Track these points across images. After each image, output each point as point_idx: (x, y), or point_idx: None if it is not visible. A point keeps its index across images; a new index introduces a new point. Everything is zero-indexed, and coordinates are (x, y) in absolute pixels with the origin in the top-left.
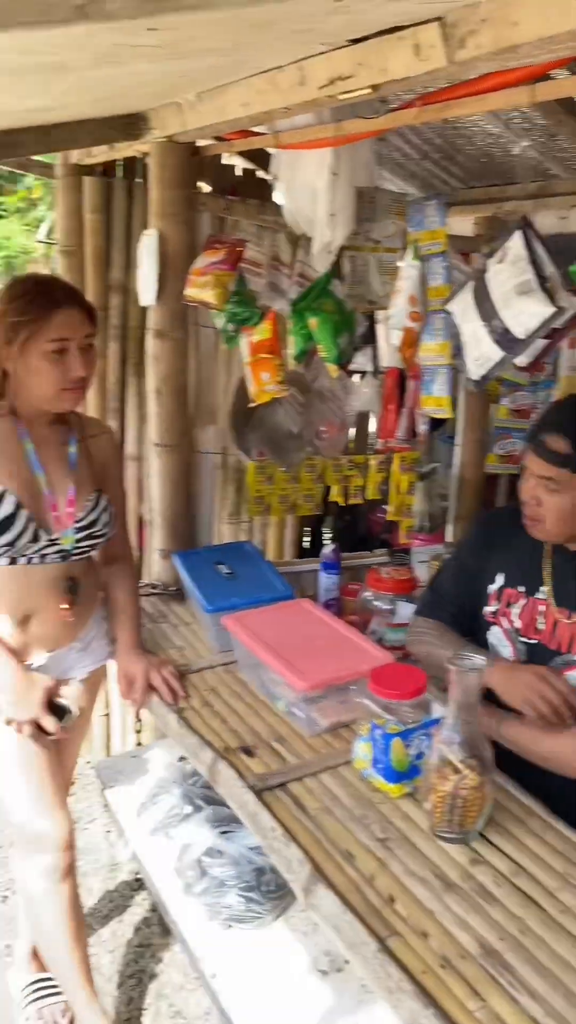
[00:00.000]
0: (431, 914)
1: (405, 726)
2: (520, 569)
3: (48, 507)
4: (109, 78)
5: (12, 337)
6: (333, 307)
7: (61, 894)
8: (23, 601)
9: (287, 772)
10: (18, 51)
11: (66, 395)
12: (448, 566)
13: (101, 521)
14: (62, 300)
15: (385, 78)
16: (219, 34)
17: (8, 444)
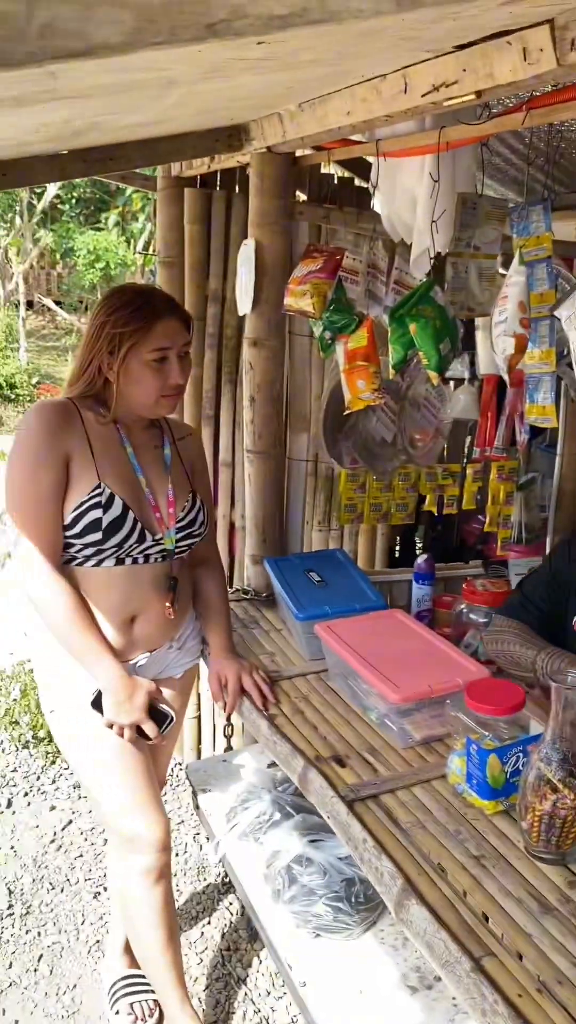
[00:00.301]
0: (527, 936)
1: (501, 742)
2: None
3: (151, 508)
4: (214, 91)
5: (115, 347)
6: (434, 313)
7: (155, 895)
8: (130, 601)
9: (379, 784)
10: (138, 69)
11: (164, 401)
12: (539, 572)
13: (198, 520)
14: (162, 311)
15: (491, 83)
16: (325, 45)
17: (112, 449)
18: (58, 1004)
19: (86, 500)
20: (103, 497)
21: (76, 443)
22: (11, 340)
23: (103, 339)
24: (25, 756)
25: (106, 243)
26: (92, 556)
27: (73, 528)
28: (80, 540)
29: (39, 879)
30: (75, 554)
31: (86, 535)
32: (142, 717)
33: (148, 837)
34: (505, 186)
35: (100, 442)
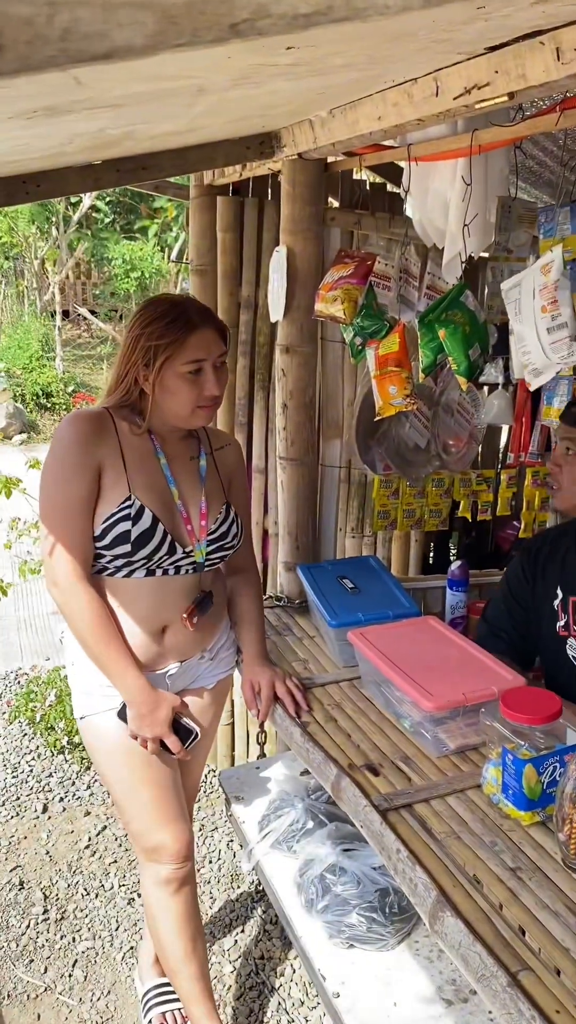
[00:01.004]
0: (566, 951)
1: (538, 752)
2: (573, 574)
3: (182, 520)
4: (246, 99)
5: (150, 360)
6: (464, 318)
7: (177, 905)
8: (160, 612)
9: (413, 793)
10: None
11: (200, 412)
12: (498, 598)
13: (231, 533)
14: (198, 322)
15: (523, 85)
16: (356, 49)
17: (146, 460)
18: (92, 1010)
19: (116, 512)
20: (132, 509)
21: (109, 453)
22: (47, 349)
23: (138, 351)
24: (60, 761)
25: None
26: (122, 567)
27: (103, 539)
28: (110, 551)
29: (73, 884)
30: (106, 564)
31: (115, 547)
32: (165, 731)
33: (169, 848)
34: (539, 189)
35: (133, 452)
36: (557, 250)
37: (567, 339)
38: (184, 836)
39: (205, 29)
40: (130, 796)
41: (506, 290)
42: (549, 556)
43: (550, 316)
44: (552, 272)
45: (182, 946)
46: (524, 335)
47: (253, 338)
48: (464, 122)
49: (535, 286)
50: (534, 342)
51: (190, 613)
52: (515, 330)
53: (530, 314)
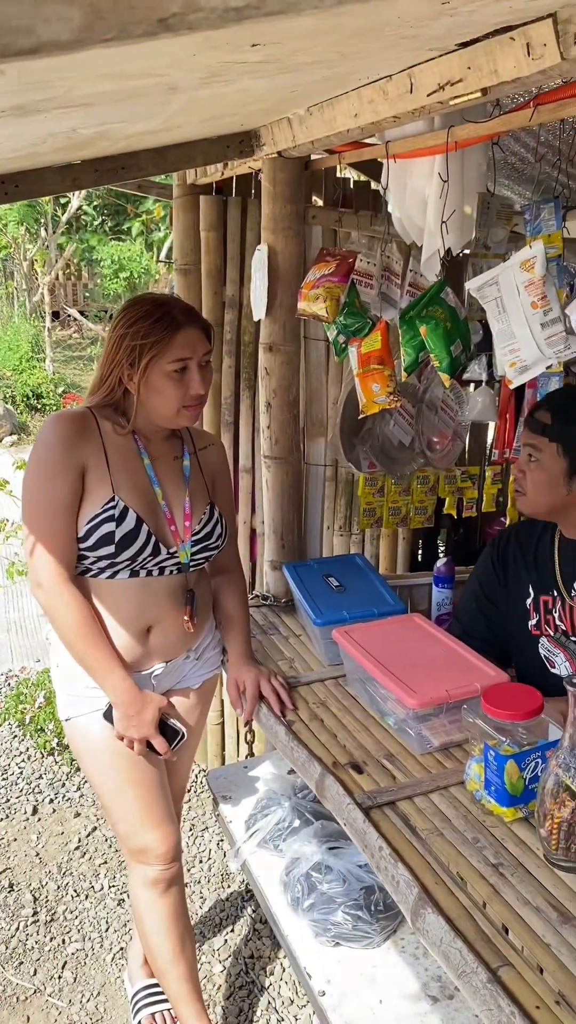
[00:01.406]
0: (547, 947)
1: (520, 748)
2: (544, 574)
3: (166, 521)
4: (218, 97)
5: (135, 359)
6: (445, 314)
7: (165, 906)
8: (145, 613)
9: (396, 790)
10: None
11: (186, 412)
12: (468, 598)
13: (215, 533)
14: (183, 321)
15: (496, 80)
16: (323, 46)
17: (129, 460)
18: (82, 1012)
19: (99, 513)
20: (116, 510)
21: (92, 454)
22: (38, 350)
23: (123, 351)
24: (50, 763)
25: (130, 253)
26: (106, 568)
27: (86, 541)
28: (93, 553)
29: (63, 886)
30: (89, 566)
31: (99, 548)
32: (151, 732)
33: (156, 849)
34: (522, 185)
35: (117, 453)
36: (538, 245)
37: (563, 333)
38: (171, 837)
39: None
40: (117, 797)
41: (477, 288)
42: (519, 552)
43: (542, 312)
44: (537, 268)
45: (170, 947)
46: (514, 332)
47: (238, 337)
48: (441, 119)
49: (517, 283)
50: (527, 338)
51: (190, 614)
52: (498, 328)
53: (519, 311)
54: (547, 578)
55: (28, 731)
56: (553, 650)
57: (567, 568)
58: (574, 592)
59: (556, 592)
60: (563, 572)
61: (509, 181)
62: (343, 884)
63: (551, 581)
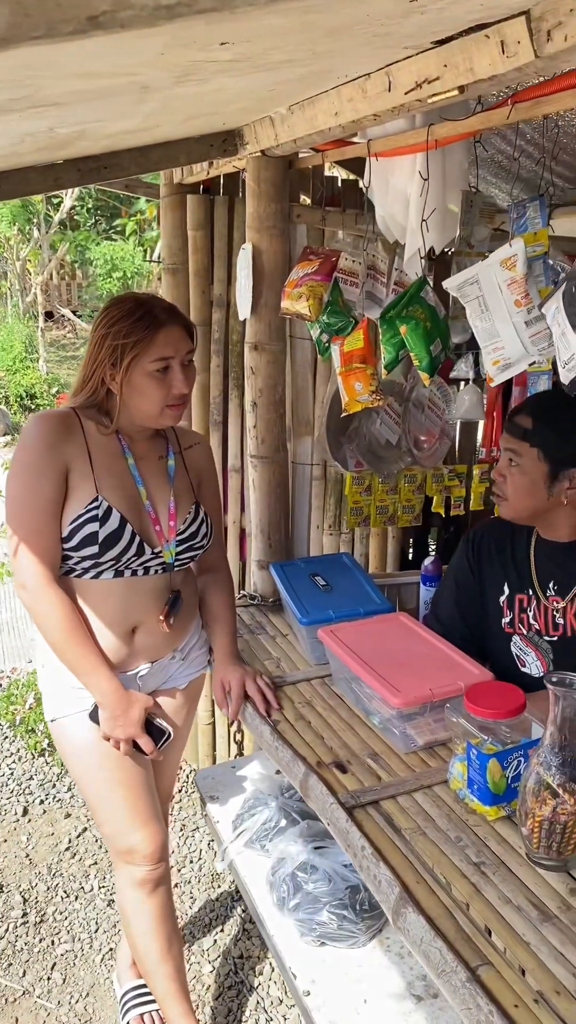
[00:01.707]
0: (526, 945)
1: (502, 746)
2: (520, 573)
3: (150, 521)
4: (194, 96)
5: (117, 359)
6: (424, 314)
7: (152, 906)
8: (129, 613)
9: (380, 790)
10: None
11: (169, 412)
12: (446, 597)
13: (200, 533)
14: (164, 320)
15: (472, 78)
16: (294, 44)
17: (113, 460)
18: (70, 1013)
19: (83, 513)
20: (100, 510)
21: (76, 454)
22: (31, 351)
23: (105, 350)
24: (41, 764)
25: (122, 252)
26: (90, 568)
27: (70, 541)
28: (77, 553)
29: (53, 887)
30: (73, 566)
31: (82, 548)
32: (137, 732)
33: (143, 849)
34: (510, 183)
35: (100, 453)
36: (518, 243)
37: (547, 331)
38: (158, 837)
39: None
40: (103, 798)
41: (456, 286)
42: (494, 549)
43: (526, 310)
44: (519, 266)
45: (157, 947)
46: (498, 331)
47: (226, 336)
48: (422, 117)
49: (499, 281)
50: (511, 336)
51: (166, 615)
52: (481, 327)
53: (502, 309)
54: (523, 577)
55: (19, 732)
56: (525, 648)
57: (543, 568)
58: (549, 593)
59: (531, 591)
60: (539, 572)
61: (497, 180)
62: (328, 884)
63: (527, 580)
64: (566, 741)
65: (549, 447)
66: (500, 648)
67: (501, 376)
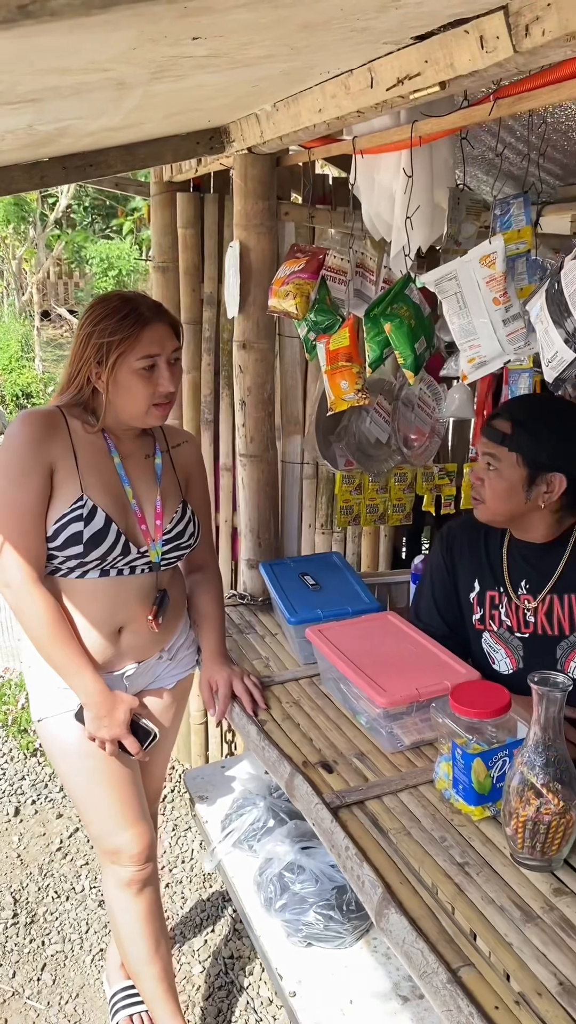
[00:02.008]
0: (508, 946)
1: (488, 746)
2: (492, 570)
3: (136, 520)
4: (175, 92)
5: (103, 357)
6: (409, 312)
7: (139, 907)
8: (115, 612)
9: (366, 790)
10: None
11: (156, 411)
12: (425, 595)
13: (187, 533)
14: (150, 317)
15: (452, 74)
16: (271, 40)
17: (99, 459)
18: (60, 1014)
19: (68, 512)
20: (84, 510)
21: (61, 453)
22: (27, 350)
23: (90, 349)
24: (33, 764)
25: (118, 251)
26: (75, 568)
27: (55, 540)
28: (62, 552)
29: (44, 887)
30: (59, 565)
31: (67, 548)
32: (123, 733)
33: (129, 850)
34: (502, 181)
35: (86, 452)
36: (497, 240)
37: (523, 330)
38: (144, 838)
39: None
40: (89, 798)
41: (434, 282)
42: (466, 545)
43: (504, 308)
44: (498, 263)
45: (145, 947)
46: (475, 328)
47: (217, 335)
48: (407, 113)
49: (478, 278)
50: (488, 334)
51: (154, 615)
52: (458, 324)
53: (480, 306)
54: (494, 574)
55: (11, 732)
56: (495, 645)
57: (516, 567)
58: (521, 591)
59: (502, 589)
60: (511, 570)
61: (488, 177)
62: (315, 884)
63: (498, 578)
64: (550, 741)
65: (528, 452)
66: (474, 645)
67: (475, 374)
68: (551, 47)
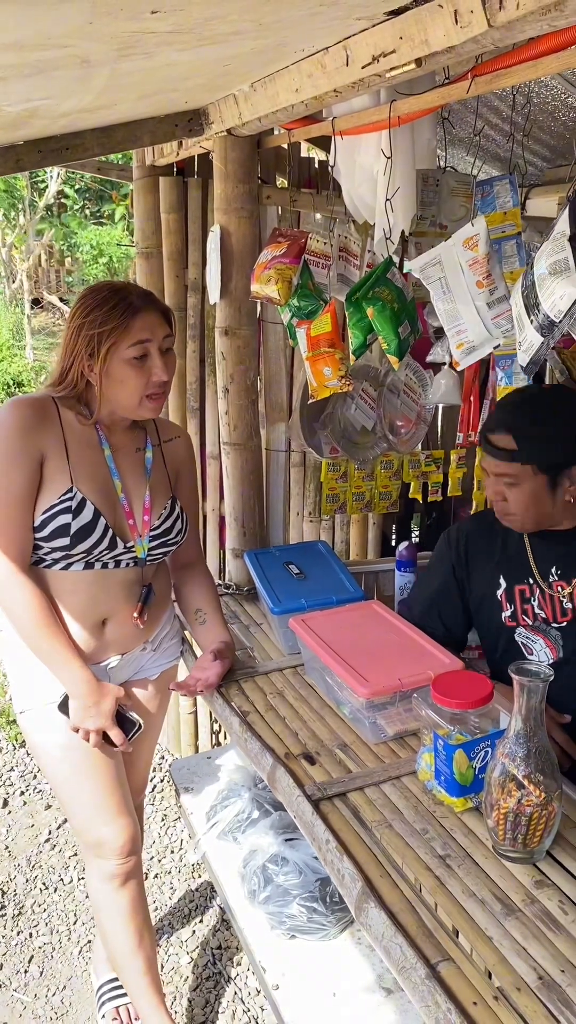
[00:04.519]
0: (488, 940)
1: (470, 736)
2: (516, 564)
3: (124, 515)
4: (146, 71)
5: (94, 349)
6: (392, 295)
7: (122, 899)
8: (99, 605)
9: (348, 781)
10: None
11: (149, 403)
12: (423, 598)
13: (175, 529)
14: (140, 305)
15: (427, 51)
16: (234, 13)
17: (89, 451)
18: (47, 1006)
19: (56, 504)
20: (73, 502)
21: (51, 442)
22: (18, 338)
23: (81, 341)
24: (22, 755)
25: (109, 237)
26: (60, 560)
27: (42, 531)
28: (48, 544)
29: (32, 879)
30: (43, 556)
31: (54, 539)
32: (108, 724)
33: (113, 843)
34: (490, 164)
35: (77, 443)
36: (480, 223)
37: (509, 312)
38: (128, 831)
39: None
40: (71, 791)
41: (419, 268)
42: (481, 545)
43: (488, 291)
44: (480, 246)
45: (128, 941)
46: (460, 313)
47: (202, 321)
48: (387, 93)
49: (461, 261)
50: (473, 318)
51: (140, 611)
52: (444, 309)
53: (464, 291)
54: (521, 568)
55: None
56: (532, 637)
57: (542, 555)
58: (552, 579)
59: (532, 580)
60: (537, 561)
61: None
62: (299, 876)
63: (525, 570)
64: (532, 732)
65: (541, 459)
66: (503, 642)
67: (467, 360)
68: (527, 21)
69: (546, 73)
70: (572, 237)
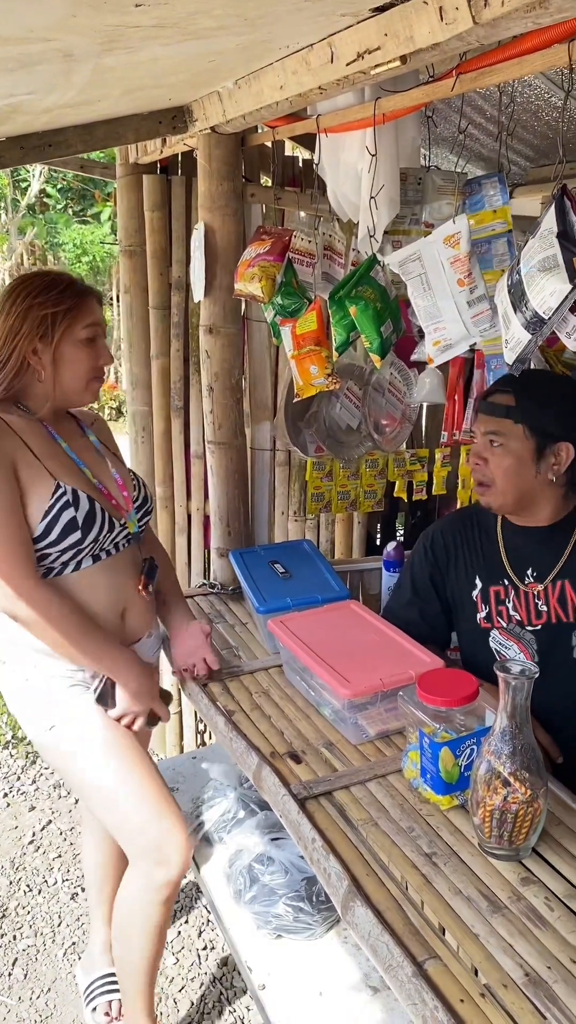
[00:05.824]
0: (475, 938)
1: (456, 734)
2: (491, 564)
3: (105, 496)
4: (129, 66)
5: (47, 329)
6: (375, 294)
7: (160, 915)
8: (117, 593)
9: (333, 780)
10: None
11: (93, 385)
12: (404, 598)
13: (147, 496)
14: (83, 289)
15: (412, 47)
16: (220, 8)
17: (50, 447)
18: (31, 1009)
19: (53, 504)
20: (68, 495)
21: (15, 449)
22: None
23: (29, 322)
24: (5, 756)
25: (92, 236)
26: (71, 560)
27: (48, 536)
28: (57, 547)
29: (16, 881)
30: (52, 564)
31: (65, 538)
32: (156, 702)
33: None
34: (474, 163)
35: (37, 442)
36: (462, 220)
37: (488, 311)
38: (184, 826)
39: None
40: (125, 792)
41: (398, 262)
42: (456, 545)
43: (468, 289)
44: (462, 244)
45: (151, 951)
46: (440, 310)
47: (186, 319)
48: (371, 90)
49: (442, 259)
50: (452, 316)
51: (144, 584)
52: (423, 306)
53: (444, 288)
54: (495, 568)
55: None
56: (505, 642)
57: (517, 555)
58: (528, 579)
59: (507, 581)
60: (511, 560)
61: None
62: (285, 875)
63: (500, 571)
64: (517, 729)
65: (535, 421)
66: (478, 644)
67: (441, 357)
68: (511, 18)
69: (531, 71)
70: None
